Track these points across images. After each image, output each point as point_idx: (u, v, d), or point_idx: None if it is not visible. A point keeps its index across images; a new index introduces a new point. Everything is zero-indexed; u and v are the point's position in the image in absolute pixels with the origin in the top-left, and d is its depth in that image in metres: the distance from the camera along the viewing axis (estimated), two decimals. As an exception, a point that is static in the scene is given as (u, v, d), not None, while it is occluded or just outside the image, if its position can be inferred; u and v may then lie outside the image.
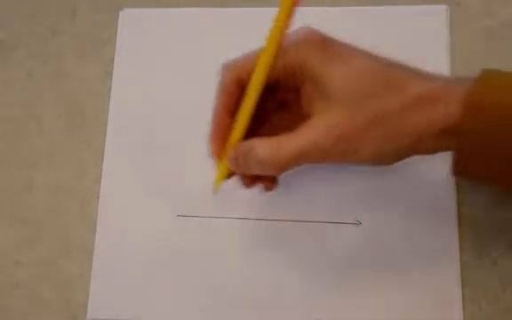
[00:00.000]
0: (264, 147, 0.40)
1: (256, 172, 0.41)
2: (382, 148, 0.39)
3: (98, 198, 0.48)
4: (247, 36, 0.51)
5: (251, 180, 0.43)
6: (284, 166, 0.40)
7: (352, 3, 0.51)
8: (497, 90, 0.37)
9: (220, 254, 0.46)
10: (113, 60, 0.52)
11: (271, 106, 0.43)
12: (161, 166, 0.48)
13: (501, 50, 0.49)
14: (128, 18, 0.53)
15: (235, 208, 0.47)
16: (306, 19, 0.51)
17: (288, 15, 0.39)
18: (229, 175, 0.43)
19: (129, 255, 0.47)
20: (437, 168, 0.46)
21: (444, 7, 0.50)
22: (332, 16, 0.51)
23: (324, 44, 0.40)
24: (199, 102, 0.50)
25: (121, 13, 0.53)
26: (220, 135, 0.41)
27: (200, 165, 0.48)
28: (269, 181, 0.43)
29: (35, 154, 0.50)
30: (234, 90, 0.41)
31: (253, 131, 0.42)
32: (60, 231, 0.48)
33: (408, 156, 0.41)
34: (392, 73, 0.39)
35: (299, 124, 0.40)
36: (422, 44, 0.49)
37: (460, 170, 0.40)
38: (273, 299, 0.45)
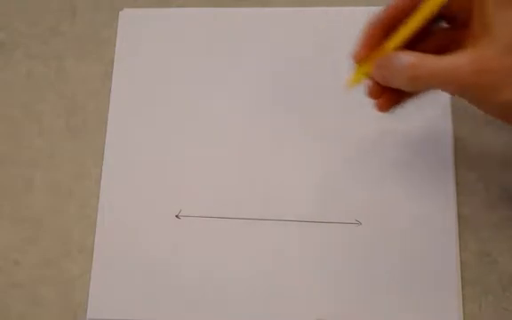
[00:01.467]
0: (408, 56, 0.39)
1: (393, 81, 0.40)
2: None
3: (98, 198, 0.48)
4: (247, 36, 0.51)
5: (378, 89, 0.42)
6: (421, 82, 0.39)
7: (352, 3, 0.51)
8: None
9: (220, 254, 0.46)
10: (113, 60, 0.52)
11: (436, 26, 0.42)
12: (161, 166, 0.48)
13: (501, 50, 0.49)
14: (128, 18, 0.53)
15: (235, 208, 0.47)
16: (305, 19, 0.51)
17: None
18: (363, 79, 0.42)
19: (129, 255, 0.47)
20: (438, 169, 0.46)
21: (443, 7, 0.50)
22: (333, 16, 0.51)
23: None
24: (199, 102, 0.50)
25: (121, 13, 0.53)
26: (371, 41, 0.42)
27: (200, 165, 0.48)
28: (391, 99, 0.43)
29: (35, 154, 0.50)
30: (405, 4, 0.40)
31: (412, 43, 0.41)
32: (60, 231, 0.48)
33: None
34: None
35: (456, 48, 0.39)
36: (422, 43, 0.49)
37: None
38: (273, 298, 0.45)
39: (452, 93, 0.40)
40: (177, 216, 0.47)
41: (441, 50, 0.40)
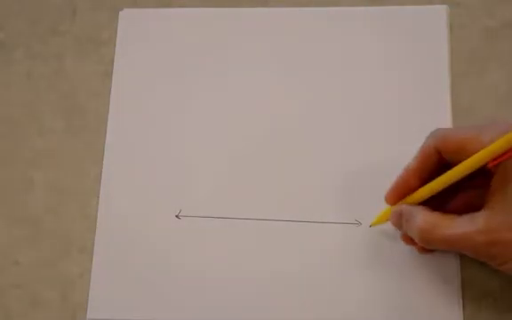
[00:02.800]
0: (423, 219, 0.40)
1: (410, 235, 0.42)
2: None
3: (98, 198, 0.48)
4: (247, 36, 0.51)
5: (409, 237, 0.43)
6: (434, 245, 0.41)
7: (352, 2, 0.51)
8: None
9: (220, 254, 0.46)
10: (113, 60, 0.52)
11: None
12: (161, 166, 0.48)
13: (501, 50, 0.49)
14: (128, 18, 0.53)
15: (235, 208, 0.47)
16: (305, 19, 0.51)
17: None
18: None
19: (129, 255, 0.47)
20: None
21: (443, 7, 0.50)
22: (332, 16, 0.51)
23: None
24: (199, 102, 0.50)
25: (121, 13, 0.53)
26: (401, 189, 0.42)
27: (200, 165, 0.48)
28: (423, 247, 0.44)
29: (35, 154, 0.50)
30: (431, 157, 0.41)
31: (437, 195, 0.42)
32: (59, 231, 0.48)
33: None
34: None
35: (479, 205, 0.39)
36: (422, 43, 0.49)
37: None
38: (273, 298, 0.45)
39: (467, 254, 0.41)
40: (177, 216, 0.47)
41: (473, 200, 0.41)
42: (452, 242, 0.39)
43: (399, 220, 0.42)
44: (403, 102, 0.48)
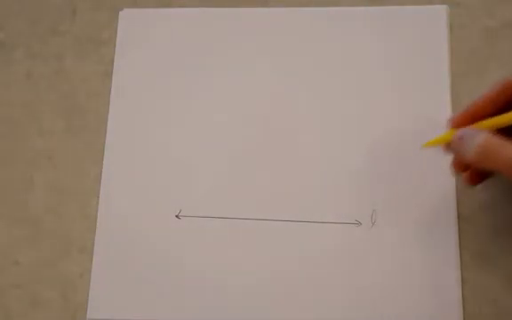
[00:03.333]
0: (485, 136, 0.39)
1: (465, 157, 0.40)
2: None
3: (98, 198, 0.48)
4: (247, 36, 0.51)
5: (460, 165, 0.42)
6: (487, 167, 0.39)
7: (352, 2, 0.51)
8: None
9: (220, 254, 0.46)
10: (113, 60, 0.52)
11: None
12: (161, 166, 0.48)
13: (501, 50, 0.49)
14: (128, 18, 0.53)
15: (234, 208, 0.47)
16: (305, 19, 0.51)
17: None
18: (446, 148, 0.43)
19: (129, 255, 0.47)
20: (437, 169, 0.46)
21: (443, 7, 0.50)
22: (332, 16, 0.51)
23: None
24: (199, 102, 0.50)
25: (121, 13, 0.53)
26: (470, 113, 0.41)
27: (200, 165, 0.48)
28: (475, 175, 0.43)
29: (35, 154, 0.50)
30: (509, 89, 0.41)
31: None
32: (60, 231, 0.48)
33: None
34: None
35: None
36: (422, 43, 0.49)
37: None
38: (273, 298, 0.45)
39: None
40: (177, 216, 0.47)
41: None
42: (503, 163, 0.38)
43: (459, 144, 0.41)
44: (403, 102, 0.48)
